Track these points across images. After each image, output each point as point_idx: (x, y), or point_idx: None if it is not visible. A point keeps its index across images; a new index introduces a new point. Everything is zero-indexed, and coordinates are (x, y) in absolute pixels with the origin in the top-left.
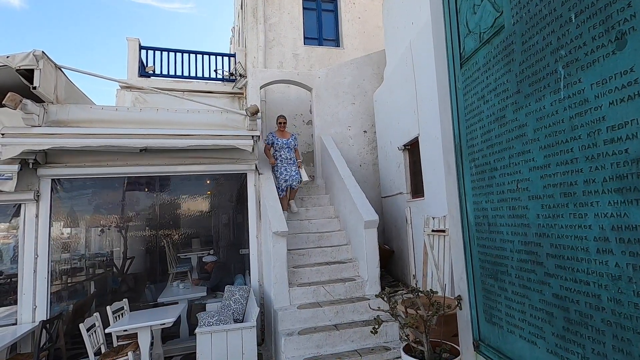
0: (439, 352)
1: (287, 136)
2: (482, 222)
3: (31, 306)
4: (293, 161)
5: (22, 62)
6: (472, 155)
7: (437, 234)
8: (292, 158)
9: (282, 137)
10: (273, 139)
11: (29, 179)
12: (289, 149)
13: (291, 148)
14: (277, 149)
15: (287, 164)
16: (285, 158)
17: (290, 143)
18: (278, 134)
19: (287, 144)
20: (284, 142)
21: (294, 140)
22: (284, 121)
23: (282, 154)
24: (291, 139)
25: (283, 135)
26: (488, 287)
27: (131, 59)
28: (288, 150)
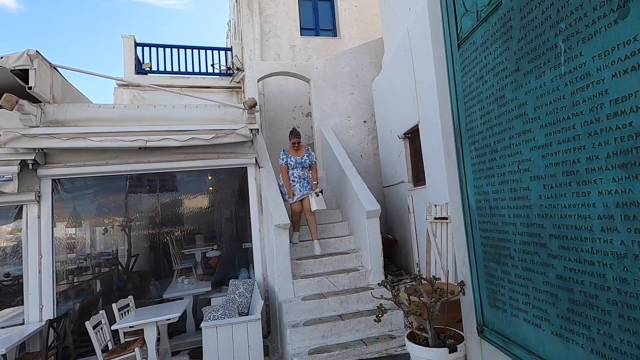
0: (443, 338)
1: (302, 153)
2: (483, 205)
3: (37, 306)
4: (307, 181)
5: (16, 62)
6: (472, 138)
7: (440, 222)
8: (307, 177)
9: (295, 154)
10: (286, 157)
11: (30, 180)
12: (303, 168)
13: (305, 166)
14: (290, 167)
15: (300, 184)
16: (299, 177)
17: (305, 161)
18: (291, 151)
19: (301, 162)
20: (297, 160)
21: (309, 157)
22: (298, 141)
23: (295, 173)
24: (306, 155)
25: (297, 152)
26: (491, 271)
27: (127, 56)
28: (302, 169)
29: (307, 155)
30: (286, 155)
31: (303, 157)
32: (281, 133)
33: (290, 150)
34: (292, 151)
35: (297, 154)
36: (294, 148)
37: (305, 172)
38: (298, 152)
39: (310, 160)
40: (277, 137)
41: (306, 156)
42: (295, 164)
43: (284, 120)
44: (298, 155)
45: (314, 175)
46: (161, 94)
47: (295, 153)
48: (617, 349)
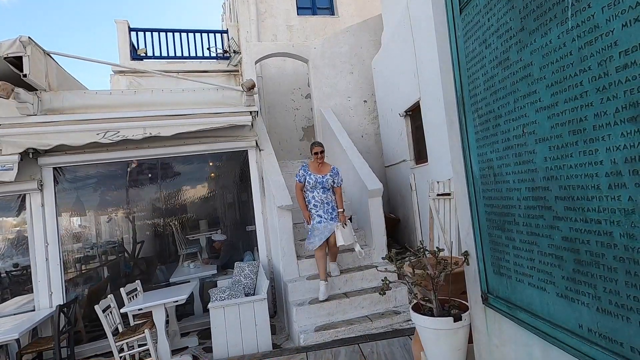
0: (448, 308)
1: (325, 171)
2: (487, 173)
3: (47, 292)
4: (332, 206)
5: (8, 49)
6: (475, 105)
7: (442, 198)
8: (331, 202)
9: (317, 171)
10: (305, 174)
11: (31, 169)
12: (324, 189)
13: (328, 188)
14: (309, 188)
15: (323, 210)
16: (320, 201)
17: (328, 181)
18: (312, 168)
19: (323, 182)
20: (318, 179)
21: (335, 177)
22: (321, 150)
23: (316, 195)
24: (330, 174)
25: (319, 169)
26: (495, 239)
27: (121, 42)
28: (324, 191)
29: (332, 174)
30: (305, 170)
31: (326, 175)
32: (281, 116)
33: (312, 166)
34: (313, 167)
35: (319, 170)
36: (316, 161)
37: (329, 195)
38: (321, 169)
39: (335, 181)
40: (276, 120)
41: (329, 175)
42: (315, 184)
43: (283, 103)
44: (320, 172)
45: (338, 201)
46: (158, 80)
47: (316, 169)
48: (624, 305)
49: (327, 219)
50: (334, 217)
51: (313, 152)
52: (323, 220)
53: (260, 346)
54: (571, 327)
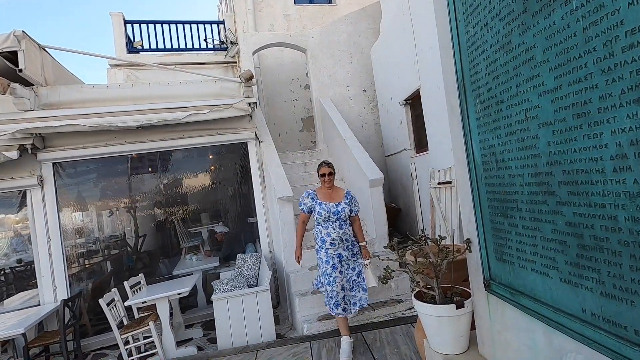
0: (450, 295)
1: (339, 197)
2: (489, 160)
3: (51, 287)
4: (352, 242)
5: (3, 44)
6: (477, 90)
7: (443, 186)
8: (350, 237)
9: (328, 199)
10: (312, 202)
11: (30, 165)
12: (341, 221)
13: (344, 219)
14: (321, 221)
15: (342, 248)
16: (339, 238)
17: (344, 210)
18: (321, 195)
19: (339, 211)
20: (331, 208)
21: (351, 204)
22: (330, 171)
23: (332, 231)
24: (345, 202)
25: (331, 196)
26: (497, 225)
27: (117, 35)
28: (341, 224)
29: (347, 201)
30: (312, 198)
31: (340, 204)
32: (279, 107)
33: (320, 193)
34: (322, 194)
35: (330, 197)
36: (325, 186)
37: (347, 229)
38: (333, 196)
39: (352, 208)
40: (275, 112)
41: (345, 203)
42: (329, 215)
43: (282, 94)
44: (333, 199)
45: (359, 233)
46: (155, 73)
47: (327, 197)
48: (628, 289)
49: (350, 253)
50: (355, 254)
51: (320, 174)
52: (340, 264)
53: (264, 336)
54: (575, 311)
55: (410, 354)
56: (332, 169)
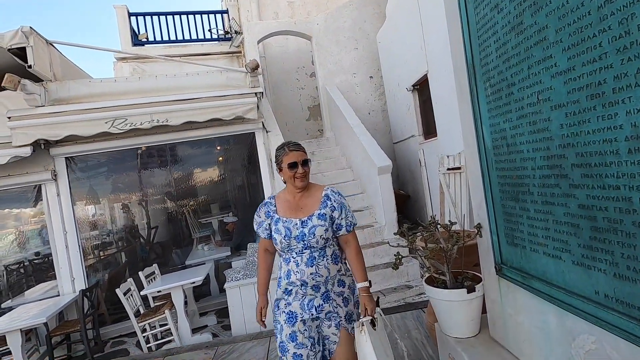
0: (461, 280)
1: (309, 207)
2: (500, 144)
3: (69, 278)
4: (342, 290)
5: (12, 40)
6: (487, 74)
7: (453, 172)
8: (334, 280)
9: (290, 212)
10: (268, 220)
11: (44, 160)
12: (312, 251)
13: (320, 247)
14: (284, 247)
15: (315, 298)
16: (301, 283)
17: (314, 230)
18: (280, 204)
19: (303, 234)
20: (291, 228)
21: (334, 212)
22: (304, 158)
23: (292, 268)
24: (320, 212)
25: (296, 205)
26: (509, 210)
27: (122, 28)
28: (311, 257)
29: (324, 210)
30: (268, 213)
31: (311, 217)
32: (285, 96)
33: (281, 200)
34: (285, 202)
35: (295, 209)
36: (294, 188)
37: (324, 261)
38: (299, 205)
39: (339, 222)
40: (281, 101)
41: (319, 216)
42: (288, 241)
43: (288, 82)
44: (298, 212)
45: (354, 264)
46: (161, 65)
47: (290, 208)
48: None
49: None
50: (344, 306)
51: (288, 165)
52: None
53: None
54: (587, 294)
55: (422, 338)
56: (307, 156)
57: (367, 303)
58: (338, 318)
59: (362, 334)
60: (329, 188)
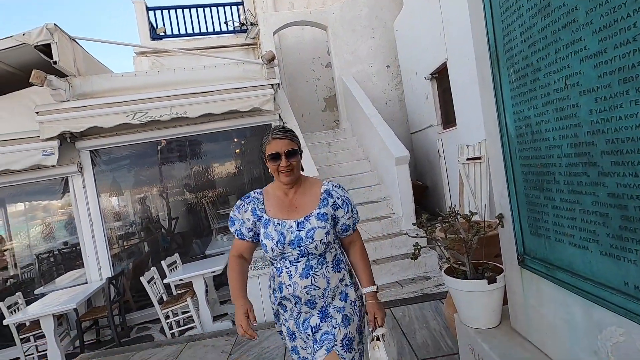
0: (481, 271)
1: (307, 206)
2: (524, 132)
3: (96, 266)
4: (345, 301)
5: (38, 37)
6: (511, 60)
7: (473, 162)
8: (335, 291)
9: (283, 212)
10: (253, 218)
11: (70, 153)
12: (309, 258)
13: (319, 254)
14: (275, 254)
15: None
16: (294, 298)
17: (313, 233)
18: (270, 202)
19: (299, 238)
20: (285, 231)
21: (337, 211)
22: (292, 148)
23: (285, 280)
24: (319, 212)
25: (290, 204)
26: (532, 199)
27: (140, 22)
28: (308, 266)
29: (324, 209)
30: (254, 210)
31: (308, 217)
32: (301, 87)
33: (271, 196)
34: (275, 199)
35: (288, 208)
36: (282, 182)
37: (322, 270)
38: (294, 204)
39: (343, 221)
40: (297, 92)
41: (318, 216)
42: (282, 247)
43: (304, 74)
44: (292, 213)
45: (360, 267)
46: (179, 58)
47: (283, 207)
48: None
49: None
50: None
51: (269, 156)
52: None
53: None
54: (616, 285)
55: (440, 328)
56: (296, 144)
57: (376, 311)
58: (333, 342)
59: (376, 350)
60: (329, 182)
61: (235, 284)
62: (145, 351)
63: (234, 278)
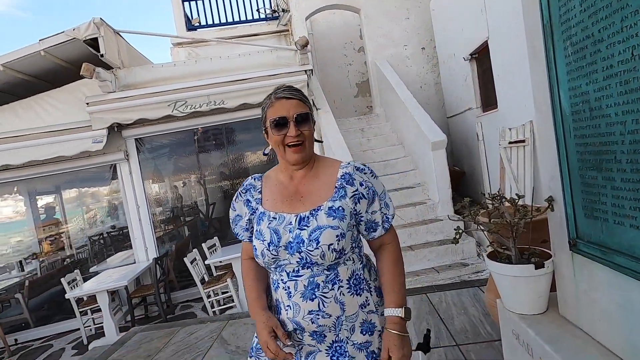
0: (527, 256)
1: (320, 193)
2: (581, 109)
3: (143, 247)
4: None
5: (86, 32)
6: (568, 32)
7: (515, 145)
8: (363, 316)
9: (285, 202)
10: (248, 210)
11: (117, 141)
12: (314, 269)
13: (329, 265)
14: (268, 261)
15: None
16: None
17: (324, 231)
18: (270, 189)
19: (301, 240)
20: (282, 228)
21: (370, 197)
22: (303, 111)
23: (283, 298)
24: (334, 200)
25: (295, 190)
26: (588, 180)
27: (176, 14)
28: (313, 284)
29: (343, 194)
30: (249, 204)
31: (318, 209)
32: (333, 73)
33: (273, 181)
34: (277, 183)
35: (293, 196)
36: (289, 160)
37: (333, 292)
38: (300, 191)
39: (375, 217)
40: (328, 78)
41: (332, 210)
42: (276, 251)
43: (335, 59)
44: (297, 204)
45: (388, 274)
46: (213, 48)
47: (287, 194)
48: None
49: None
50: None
51: (273, 124)
52: None
53: None
54: None
55: (479, 315)
56: (309, 107)
57: (393, 348)
58: None
59: None
60: (352, 163)
61: (252, 294)
62: (190, 327)
63: (250, 287)
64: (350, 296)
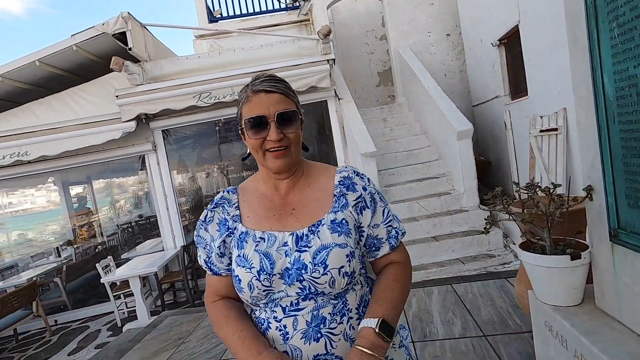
0: (562, 247)
1: (315, 209)
2: (626, 93)
3: (171, 235)
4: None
5: (114, 26)
6: (614, 12)
7: (547, 134)
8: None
9: (275, 221)
10: (223, 236)
11: (145, 133)
12: (319, 299)
13: (338, 294)
14: (256, 295)
15: None
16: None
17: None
18: (249, 206)
19: (301, 265)
20: (291, 249)
21: (371, 206)
22: (286, 108)
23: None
24: (346, 208)
25: (284, 202)
26: (634, 168)
27: (199, 6)
28: (318, 318)
29: (344, 204)
30: (225, 223)
31: (318, 225)
32: (354, 62)
33: (253, 193)
34: (259, 195)
35: (282, 213)
36: (271, 167)
37: (345, 316)
38: (292, 204)
39: (380, 233)
40: (350, 67)
41: (337, 213)
42: (269, 279)
43: (357, 48)
44: (289, 217)
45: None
46: (235, 39)
47: (273, 207)
48: None
49: None
50: None
51: (246, 122)
52: None
53: None
54: None
55: (507, 307)
56: (295, 103)
57: None
58: None
59: None
60: (350, 167)
61: (244, 335)
62: None
63: (237, 328)
64: (345, 327)
